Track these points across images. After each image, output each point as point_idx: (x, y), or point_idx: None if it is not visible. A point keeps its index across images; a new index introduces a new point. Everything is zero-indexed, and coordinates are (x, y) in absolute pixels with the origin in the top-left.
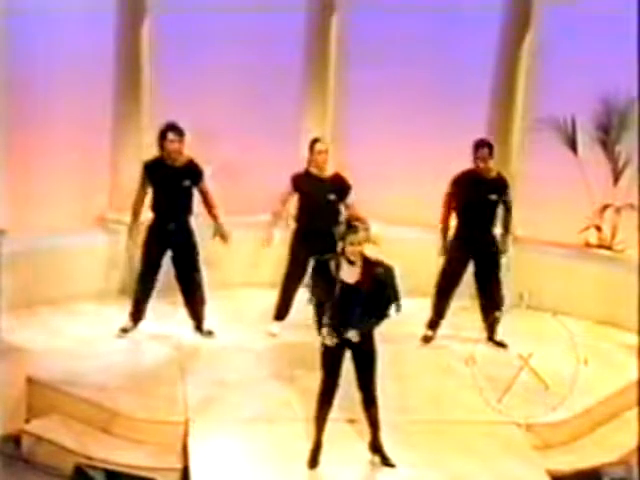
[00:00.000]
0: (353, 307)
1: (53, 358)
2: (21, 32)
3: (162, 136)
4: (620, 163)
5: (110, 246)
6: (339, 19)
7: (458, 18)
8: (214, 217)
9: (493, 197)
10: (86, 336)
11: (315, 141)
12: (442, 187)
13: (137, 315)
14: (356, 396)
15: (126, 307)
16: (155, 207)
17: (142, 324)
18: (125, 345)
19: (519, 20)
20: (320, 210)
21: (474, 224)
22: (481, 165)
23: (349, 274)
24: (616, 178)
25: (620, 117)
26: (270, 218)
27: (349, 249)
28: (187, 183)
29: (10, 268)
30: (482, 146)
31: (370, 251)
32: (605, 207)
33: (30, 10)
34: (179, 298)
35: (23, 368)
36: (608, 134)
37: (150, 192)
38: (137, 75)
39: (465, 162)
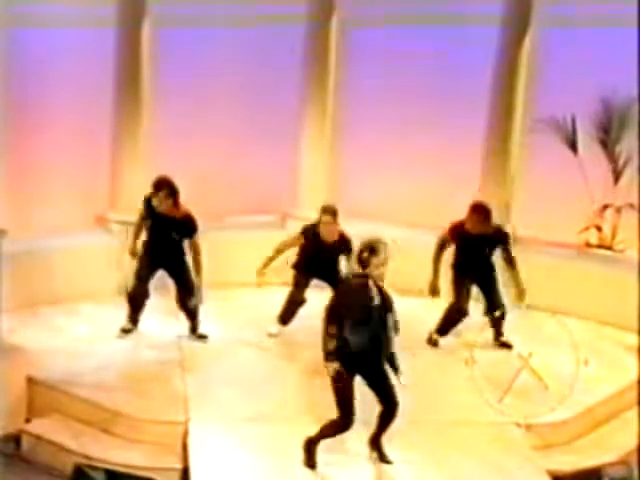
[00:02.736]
0: (385, 330)
1: (53, 358)
2: (22, 35)
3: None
4: (620, 163)
5: (110, 246)
6: (337, 26)
7: (458, 20)
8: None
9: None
10: (86, 336)
11: (324, 210)
12: (441, 188)
13: (134, 318)
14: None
15: (126, 307)
16: (149, 241)
17: (142, 324)
18: (125, 345)
19: (519, 20)
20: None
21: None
22: (474, 230)
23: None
24: (616, 178)
25: (620, 117)
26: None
27: (376, 272)
28: (177, 237)
29: (10, 268)
30: (479, 212)
31: None
32: (605, 207)
33: (33, 18)
34: None
35: (23, 368)
36: (608, 134)
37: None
38: (137, 76)
39: (464, 162)
